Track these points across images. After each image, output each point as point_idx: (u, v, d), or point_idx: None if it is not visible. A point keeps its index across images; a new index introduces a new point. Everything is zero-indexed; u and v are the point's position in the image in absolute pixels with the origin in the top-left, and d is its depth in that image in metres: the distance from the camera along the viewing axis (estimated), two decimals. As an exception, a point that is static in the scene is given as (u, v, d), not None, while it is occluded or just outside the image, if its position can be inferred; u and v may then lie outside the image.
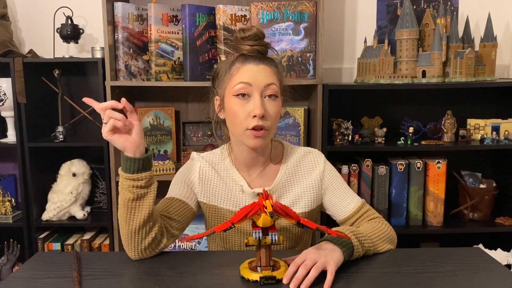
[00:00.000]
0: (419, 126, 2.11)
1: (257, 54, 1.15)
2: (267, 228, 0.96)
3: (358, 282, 0.98)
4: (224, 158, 1.25)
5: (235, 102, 1.13)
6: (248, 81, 1.11)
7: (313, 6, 1.98)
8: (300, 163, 1.27)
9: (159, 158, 2.06)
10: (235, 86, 1.12)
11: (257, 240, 0.96)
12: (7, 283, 0.98)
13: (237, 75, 1.13)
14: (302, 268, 0.95)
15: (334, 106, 2.00)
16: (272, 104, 1.13)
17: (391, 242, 1.17)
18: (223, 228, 0.95)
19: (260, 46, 1.14)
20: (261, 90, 1.12)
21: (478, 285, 0.96)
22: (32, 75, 2.05)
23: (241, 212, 0.95)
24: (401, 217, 2.03)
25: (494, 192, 2.06)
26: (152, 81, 2.01)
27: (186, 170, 1.25)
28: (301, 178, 1.25)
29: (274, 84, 1.13)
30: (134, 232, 1.05)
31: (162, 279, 1.00)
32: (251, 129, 1.11)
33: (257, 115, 1.09)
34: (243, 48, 1.14)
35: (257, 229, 0.96)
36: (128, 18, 1.99)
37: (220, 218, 1.24)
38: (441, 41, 1.92)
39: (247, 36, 1.14)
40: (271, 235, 0.96)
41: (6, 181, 2.25)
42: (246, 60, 1.14)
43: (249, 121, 1.11)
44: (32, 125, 2.06)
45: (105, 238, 2.17)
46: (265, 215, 0.93)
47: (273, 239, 0.95)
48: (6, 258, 2.13)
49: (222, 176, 1.24)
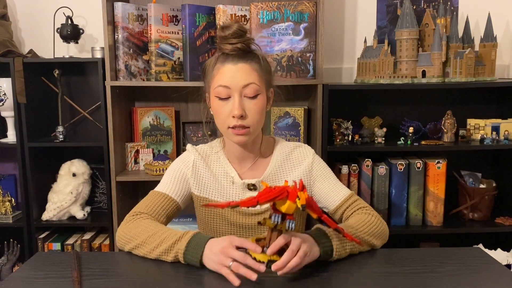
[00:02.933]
0: (419, 126, 2.11)
1: (238, 52, 1.16)
2: (286, 214, 0.96)
3: (358, 282, 0.98)
4: (217, 150, 1.30)
5: (217, 102, 1.17)
6: (226, 84, 1.15)
7: (313, 6, 1.98)
8: (290, 156, 1.30)
9: (159, 158, 2.06)
10: (215, 88, 1.17)
11: (274, 223, 0.96)
12: (7, 283, 0.98)
13: (217, 76, 1.17)
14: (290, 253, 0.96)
15: (334, 106, 2.00)
16: (252, 103, 1.16)
17: (380, 237, 1.17)
18: (248, 205, 0.95)
19: (241, 44, 1.15)
20: (240, 91, 1.14)
21: (478, 285, 0.96)
22: (32, 75, 2.05)
23: (269, 192, 0.94)
24: (401, 217, 2.03)
25: (494, 192, 2.06)
26: (152, 81, 2.01)
27: (181, 163, 1.29)
28: (291, 171, 1.28)
29: (254, 83, 1.15)
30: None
31: (162, 279, 1.00)
32: (232, 128, 1.15)
33: (235, 116, 1.14)
34: (224, 48, 1.16)
35: (277, 212, 0.96)
36: (128, 18, 1.99)
37: (211, 210, 1.27)
38: (441, 41, 1.91)
39: (227, 35, 1.15)
40: (288, 222, 0.96)
41: (6, 181, 2.25)
42: (226, 59, 1.16)
43: (230, 120, 1.15)
44: (32, 125, 2.06)
45: (105, 238, 2.17)
46: (290, 203, 0.93)
47: (289, 226, 0.96)
48: (6, 258, 2.13)
49: (213, 169, 1.28)
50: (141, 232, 1.11)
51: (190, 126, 2.25)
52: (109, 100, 1.94)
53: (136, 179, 2.06)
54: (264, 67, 1.20)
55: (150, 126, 2.17)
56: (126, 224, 1.18)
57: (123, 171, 2.09)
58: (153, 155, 2.13)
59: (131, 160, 2.11)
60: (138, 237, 1.10)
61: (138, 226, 1.14)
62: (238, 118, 1.14)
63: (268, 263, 0.95)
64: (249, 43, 1.18)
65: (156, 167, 1.99)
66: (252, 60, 1.17)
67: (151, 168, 2.01)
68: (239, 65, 1.15)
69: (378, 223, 1.19)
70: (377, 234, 1.16)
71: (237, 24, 1.16)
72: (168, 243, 1.05)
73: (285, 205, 0.94)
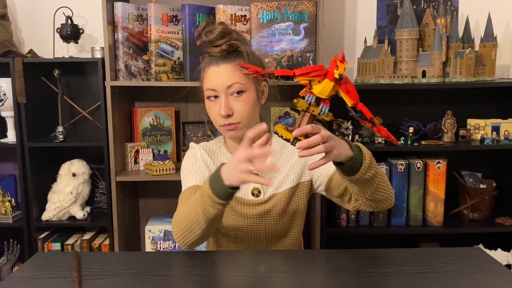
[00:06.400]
0: (419, 126, 2.11)
1: (225, 53, 1.20)
2: (320, 99, 0.93)
3: (358, 282, 0.98)
4: (220, 146, 1.34)
5: (208, 104, 1.23)
6: (212, 87, 1.20)
7: (313, 6, 1.98)
8: (284, 147, 1.33)
9: (159, 158, 2.06)
10: (205, 91, 1.23)
11: (307, 104, 0.92)
12: (7, 283, 0.98)
13: (205, 79, 1.23)
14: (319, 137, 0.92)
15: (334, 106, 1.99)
16: (238, 100, 1.20)
17: (388, 191, 1.16)
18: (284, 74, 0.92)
19: (225, 45, 1.20)
20: (225, 91, 1.19)
21: (478, 285, 0.96)
22: (32, 75, 2.05)
23: (306, 68, 0.92)
24: (401, 217, 2.03)
25: (494, 192, 2.06)
26: (152, 81, 2.01)
27: (192, 157, 1.31)
28: (287, 159, 1.31)
29: (237, 83, 1.19)
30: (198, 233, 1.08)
31: (162, 279, 1.00)
32: (223, 126, 1.21)
33: (222, 116, 1.19)
34: (212, 51, 1.22)
35: (311, 93, 0.92)
36: (128, 18, 1.99)
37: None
38: (441, 41, 1.91)
39: (212, 39, 1.20)
40: (322, 106, 0.93)
41: (6, 181, 2.25)
42: (211, 62, 1.22)
43: (219, 119, 1.21)
44: (32, 125, 2.05)
45: (105, 238, 2.17)
46: (327, 82, 0.89)
47: (323, 111, 0.92)
48: (6, 258, 2.13)
49: (217, 162, 1.31)
50: (185, 211, 1.10)
51: (190, 126, 2.25)
52: (109, 100, 1.94)
53: (136, 179, 2.06)
54: (251, 62, 1.22)
55: (150, 126, 2.17)
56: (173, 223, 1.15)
57: (123, 171, 2.09)
58: (153, 155, 2.13)
59: (131, 160, 2.11)
60: (186, 214, 1.09)
61: (182, 212, 1.12)
62: (225, 117, 1.19)
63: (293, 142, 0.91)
64: (234, 43, 1.21)
65: (156, 167, 1.99)
66: (235, 59, 1.20)
67: (151, 168, 2.01)
68: (221, 66, 1.19)
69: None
70: (388, 187, 1.15)
71: (220, 26, 1.20)
72: (200, 199, 1.03)
73: (321, 85, 0.90)
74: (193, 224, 1.07)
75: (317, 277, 0.99)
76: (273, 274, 0.97)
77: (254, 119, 1.24)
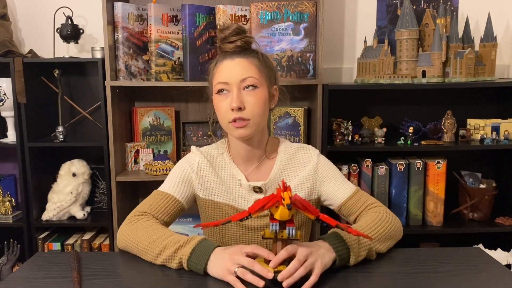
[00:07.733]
0: (419, 126, 2.11)
1: (239, 49, 1.18)
2: (285, 222, 0.94)
3: (358, 282, 0.98)
4: (222, 152, 1.29)
5: (217, 98, 1.19)
6: (224, 80, 1.17)
7: (313, 6, 1.98)
8: (294, 157, 1.29)
9: (159, 158, 2.06)
10: (215, 85, 1.19)
11: (273, 233, 0.94)
12: (7, 283, 0.98)
13: (216, 74, 1.19)
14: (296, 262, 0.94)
15: (334, 106, 2.00)
16: (251, 94, 1.17)
17: (393, 237, 1.16)
18: (240, 218, 0.94)
19: (240, 41, 1.18)
20: (238, 85, 1.16)
21: (478, 285, 0.96)
22: (32, 75, 2.05)
23: (259, 202, 0.94)
24: (401, 217, 2.03)
25: (494, 192, 2.06)
26: (152, 81, 2.01)
27: (186, 164, 1.28)
28: (296, 172, 1.28)
29: (251, 77, 1.16)
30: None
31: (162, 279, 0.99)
32: (232, 122, 1.16)
33: (233, 108, 1.14)
34: (225, 47, 1.19)
35: (274, 221, 0.94)
36: (128, 18, 1.99)
37: (218, 211, 1.26)
38: (441, 41, 1.91)
39: (227, 35, 1.18)
40: (288, 229, 0.94)
41: (6, 181, 2.25)
42: (225, 57, 1.19)
43: (229, 114, 1.16)
44: (32, 125, 2.06)
45: (105, 238, 2.17)
46: (283, 208, 0.91)
47: (290, 233, 0.94)
48: (6, 258, 2.13)
49: (219, 171, 1.27)
50: (145, 236, 1.09)
51: (190, 126, 2.25)
52: (109, 100, 1.94)
53: (136, 179, 2.06)
54: (265, 62, 1.21)
55: (150, 126, 2.17)
56: (129, 225, 1.16)
57: (123, 171, 2.09)
58: (153, 155, 2.13)
59: (131, 160, 2.11)
60: (142, 242, 1.09)
61: (141, 229, 1.12)
62: (237, 110, 1.14)
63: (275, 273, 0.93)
64: (249, 41, 1.20)
65: (156, 167, 1.99)
66: (250, 55, 1.19)
67: (151, 168, 2.01)
68: (236, 60, 1.17)
69: (390, 220, 1.17)
70: (392, 231, 1.15)
71: (236, 24, 1.19)
72: (172, 248, 1.04)
73: (278, 211, 0.92)
74: (144, 253, 1.08)
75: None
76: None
77: (263, 122, 1.21)
